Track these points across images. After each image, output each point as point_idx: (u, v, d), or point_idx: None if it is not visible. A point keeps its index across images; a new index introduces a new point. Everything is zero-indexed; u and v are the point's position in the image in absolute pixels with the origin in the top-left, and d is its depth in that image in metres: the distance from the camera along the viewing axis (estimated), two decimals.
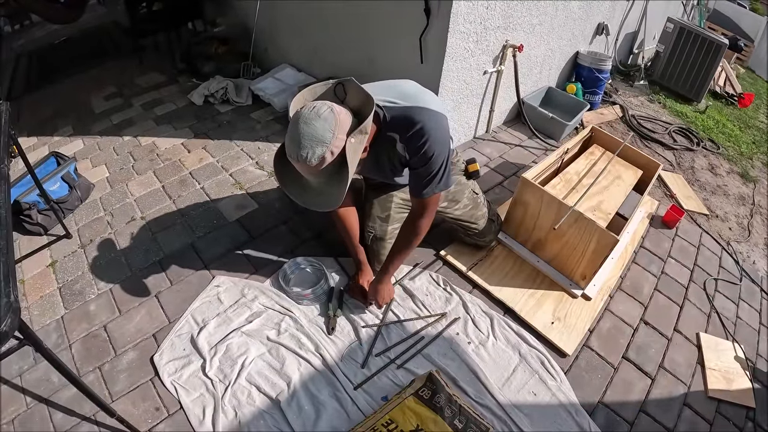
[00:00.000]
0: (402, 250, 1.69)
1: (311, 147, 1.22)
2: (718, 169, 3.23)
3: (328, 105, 1.27)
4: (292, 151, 1.26)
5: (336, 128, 1.23)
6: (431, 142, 1.41)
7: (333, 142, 1.23)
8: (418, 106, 1.42)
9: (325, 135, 1.22)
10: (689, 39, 3.92)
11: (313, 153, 1.23)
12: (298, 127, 1.24)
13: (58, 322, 1.74)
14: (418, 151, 1.42)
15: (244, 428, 1.42)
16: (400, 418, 1.40)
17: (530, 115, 3.08)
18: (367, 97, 1.31)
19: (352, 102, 1.36)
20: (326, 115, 1.24)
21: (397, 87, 1.50)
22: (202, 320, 1.72)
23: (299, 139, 1.23)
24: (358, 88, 1.34)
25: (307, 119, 1.24)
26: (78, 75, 3.67)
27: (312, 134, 1.22)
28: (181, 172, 2.52)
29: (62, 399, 1.49)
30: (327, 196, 1.35)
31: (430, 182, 1.48)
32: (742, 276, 2.33)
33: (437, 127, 1.41)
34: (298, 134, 1.24)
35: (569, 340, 1.77)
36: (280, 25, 3.28)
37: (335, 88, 1.37)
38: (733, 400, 1.72)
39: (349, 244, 1.88)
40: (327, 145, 1.23)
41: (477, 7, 2.23)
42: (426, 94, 1.52)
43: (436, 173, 1.47)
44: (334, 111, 1.25)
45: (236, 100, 3.16)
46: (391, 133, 1.44)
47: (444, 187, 1.53)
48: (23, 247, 2.06)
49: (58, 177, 2.21)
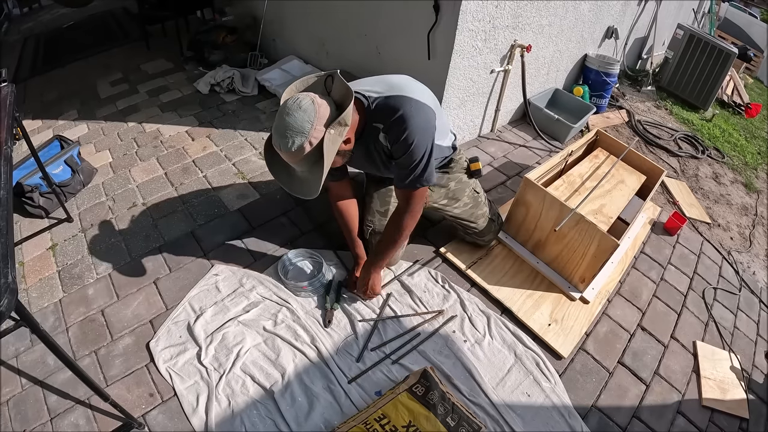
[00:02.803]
0: (387, 246, 1.68)
1: (291, 137, 1.30)
2: (722, 178, 3.22)
3: (311, 97, 1.33)
4: (275, 140, 1.35)
5: (315, 120, 1.30)
6: (411, 129, 1.40)
7: (312, 132, 1.30)
8: (401, 94, 1.43)
9: (304, 126, 1.29)
10: (699, 46, 3.89)
11: (293, 142, 1.30)
12: (282, 118, 1.32)
13: (56, 305, 1.75)
14: (398, 137, 1.42)
15: (237, 417, 1.43)
16: (393, 414, 1.40)
17: (536, 116, 3.07)
18: (348, 89, 1.35)
19: (336, 95, 1.40)
20: (306, 107, 1.30)
21: (387, 79, 1.53)
22: (199, 308, 1.73)
23: (282, 129, 1.31)
24: (341, 82, 1.38)
25: (290, 110, 1.31)
26: (85, 60, 3.67)
27: (293, 125, 1.30)
28: (184, 160, 2.52)
29: (57, 382, 1.50)
30: (308, 185, 1.41)
31: (412, 171, 1.47)
32: (741, 286, 2.32)
33: (417, 115, 1.41)
34: (281, 124, 1.32)
35: (565, 343, 1.77)
36: (289, 17, 3.27)
37: (325, 80, 1.43)
38: (727, 410, 1.71)
39: (348, 237, 1.88)
40: (306, 136, 1.30)
41: (486, 6, 2.22)
42: (414, 85, 1.52)
43: (418, 162, 1.46)
44: (315, 103, 1.31)
45: (242, 90, 3.15)
46: (376, 123, 1.46)
47: (427, 182, 1.51)
48: (24, 229, 2.07)
49: (61, 161, 2.21)
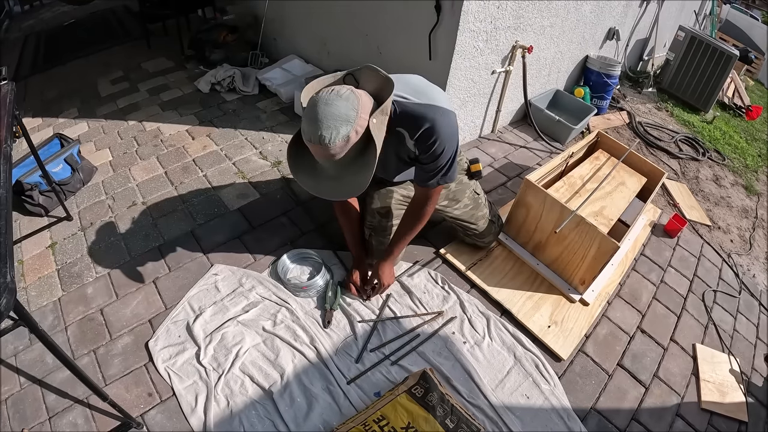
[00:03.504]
0: (406, 234, 1.74)
1: (335, 127, 1.18)
2: (722, 181, 3.22)
3: (348, 87, 1.25)
4: (311, 133, 1.20)
5: (359, 107, 1.21)
6: (441, 140, 1.41)
7: (357, 121, 1.20)
8: (430, 103, 1.41)
9: (349, 113, 1.19)
10: (700, 48, 3.89)
11: (337, 133, 1.18)
12: (318, 109, 1.20)
13: (55, 304, 1.74)
14: (429, 149, 1.43)
15: (236, 417, 1.42)
16: (392, 415, 1.40)
17: (537, 117, 3.07)
18: (386, 80, 1.29)
19: (367, 87, 1.34)
20: (347, 95, 1.21)
21: (408, 82, 1.48)
22: (198, 308, 1.73)
23: (321, 119, 1.18)
24: (375, 73, 1.31)
25: (328, 100, 1.20)
26: (85, 58, 3.66)
27: (335, 114, 1.18)
28: (185, 159, 2.52)
29: (56, 381, 1.49)
30: (348, 183, 1.32)
31: (436, 174, 1.52)
32: (741, 289, 2.32)
33: (448, 125, 1.42)
34: (317, 115, 1.19)
35: (565, 345, 1.77)
36: (290, 16, 3.26)
37: (345, 78, 1.35)
38: (726, 413, 1.71)
39: (349, 235, 1.87)
40: (351, 124, 1.19)
41: (488, 6, 2.22)
42: (435, 90, 1.51)
43: (444, 166, 1.50)
44: (354, 92, 1.24)
45: (243, 89, 3.15)
46: (399, 128, 1.43)
47: (450, 180, 1.56)
48: (23, 227, 2.06)
49: (61, 159, 2.20)
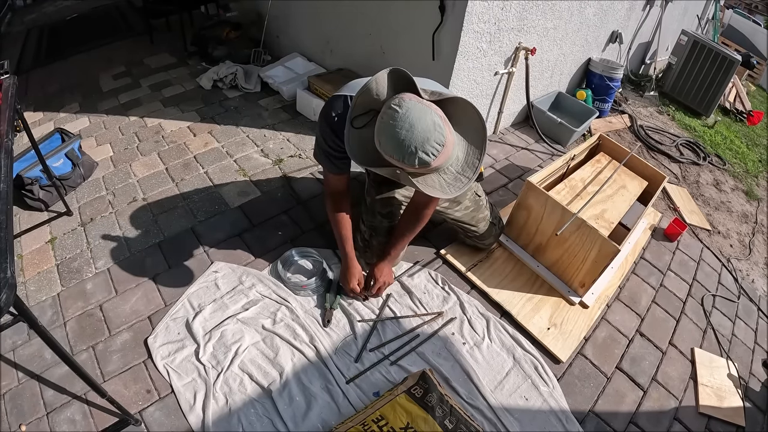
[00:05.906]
0: (405, 235, 1.74)
1: (435, 138, 1.12)
2: (723, 185, 3.22)
3: (408, 96, 1.16)
4: (409, 158, 1.13)
5: (443, 122, 1.15)
6: None
7: (446, 135, 1.14)
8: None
9: (436, 121, 1.13)
10: (702, 53, 3.89)
11: (437, 146, 1.12)
12: (401, 128, 1.10)
13: (54, 299, 1.74)
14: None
15: (234, 415, 1.42)
16: (391, 415, 1.40)
17: (539, 119, 3.07)
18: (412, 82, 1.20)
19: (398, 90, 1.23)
20: (424, 108, 1.14)
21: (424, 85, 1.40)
22: (198, 305, 1.72)
23: (415, 140, 1.10)
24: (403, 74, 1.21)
25: (411, 117, 1.10)
26: (87, 52, 3.66)
27: (426, 129, 1.11)
28: (186, 156, 2.51)
29: (54, 376, 1.49)
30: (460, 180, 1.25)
31: None
32: (740, 294, 2.32)
33: None
34: (413, 134, 1.10)
35: (564, 347, 1.77)
36: (293, 14, 3.26)
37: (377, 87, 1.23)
38: (724, 418, 1.71)
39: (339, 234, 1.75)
40: (443, 132, 1.13)
41: (492, 8, 2.22)
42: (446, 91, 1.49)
43: None
44: (422, 102, 1.16)
45: (245, 87, 3.14)
46: None
47: None
48: (23, 222, 2.06)
49: (61, 154, 2.20)
